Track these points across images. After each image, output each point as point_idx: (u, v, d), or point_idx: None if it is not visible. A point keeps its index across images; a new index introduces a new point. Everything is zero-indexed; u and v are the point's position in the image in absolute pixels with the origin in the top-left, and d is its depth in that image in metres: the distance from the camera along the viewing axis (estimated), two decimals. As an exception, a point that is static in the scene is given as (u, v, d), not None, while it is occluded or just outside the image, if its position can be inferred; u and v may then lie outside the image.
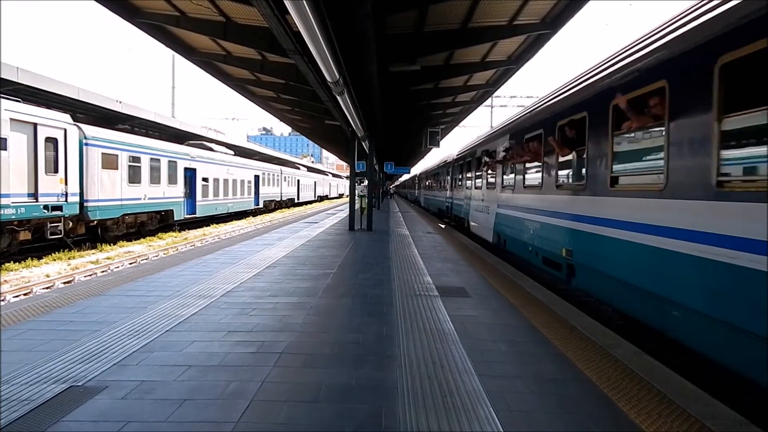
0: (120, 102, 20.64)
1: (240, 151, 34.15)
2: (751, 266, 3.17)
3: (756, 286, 3.12)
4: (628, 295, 4.83)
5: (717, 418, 2.63)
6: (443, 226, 16.56)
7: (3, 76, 14.21)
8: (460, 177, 16.42)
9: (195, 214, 23.57)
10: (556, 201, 6.71)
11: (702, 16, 3.88)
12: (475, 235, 12.80)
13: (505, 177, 9.81)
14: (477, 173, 13.08)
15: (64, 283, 11.01)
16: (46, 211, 13.41)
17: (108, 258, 14.50)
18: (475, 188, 13.19)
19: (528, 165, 8.25)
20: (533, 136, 7.93)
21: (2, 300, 9.37)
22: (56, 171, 13.83)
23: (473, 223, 13.38)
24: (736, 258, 3.31)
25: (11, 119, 12.22)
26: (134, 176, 18.22)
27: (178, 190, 21.76)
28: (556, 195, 6.78)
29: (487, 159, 11.45)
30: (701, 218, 3.69)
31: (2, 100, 12.12)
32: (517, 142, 8.84)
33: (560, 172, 6.80)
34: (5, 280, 10.91)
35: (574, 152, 6.35)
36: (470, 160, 14.23)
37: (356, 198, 14.99)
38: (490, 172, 11.27)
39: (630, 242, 4.68)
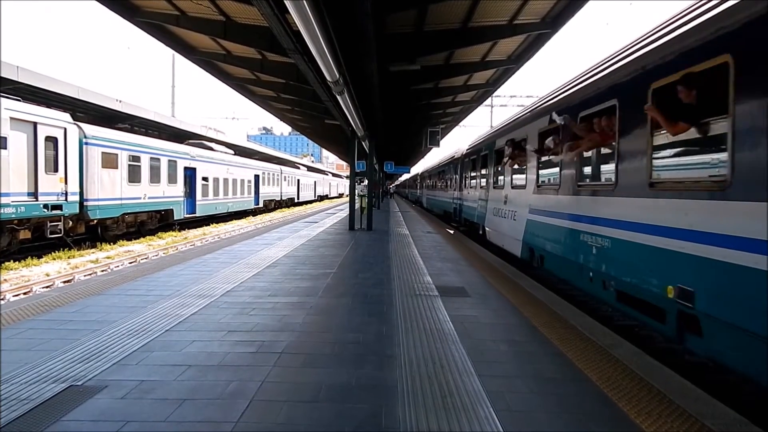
0: (120, 101, 20.63)
1: (240, 151, 34.15)
2: None
3: None
4: None
5: (717, 418, 2.63)
6: (452, 231, 14.98)
7: (3, 75, 14.19)
8: (473, 174, 14.00)
9: (195, 213, 23.58)
10: (650, 208, 4.46)
11: None
12: (495, 245, 10.67)
13: (542, 172, 7.65)
14: (497, 169, 10.77)
15: (64, 282, 11.00)
16: (45, 210, 13.41)
17: (108, 257, 14.50)
18: (494, 188, 10.90)
19: (586, 154, 6.11)
20: (598, 111, 5.64)
21: (2, 299, 9.37)
22: (56, 170, 13.82)
23: (491, 230, 11.11)
24: None
25: (11, 118, 12.21)
26: (134, 175, 18.21)
27: (178, 189, 21.75)
28: (648, 198, 4.50)
29: (513, 150, 9.13)
30: None
31: (2, 99, 12.12)
32: (563, 123, 6.52)
33: (658, 162, 4.49)
34: (5, 279, 10.90)
35: (694, 129, 3.98)
36: (486, 155, 12.02)
37: (356, 197, 15.00)
38: (516, 167, 9.07)
39: None
